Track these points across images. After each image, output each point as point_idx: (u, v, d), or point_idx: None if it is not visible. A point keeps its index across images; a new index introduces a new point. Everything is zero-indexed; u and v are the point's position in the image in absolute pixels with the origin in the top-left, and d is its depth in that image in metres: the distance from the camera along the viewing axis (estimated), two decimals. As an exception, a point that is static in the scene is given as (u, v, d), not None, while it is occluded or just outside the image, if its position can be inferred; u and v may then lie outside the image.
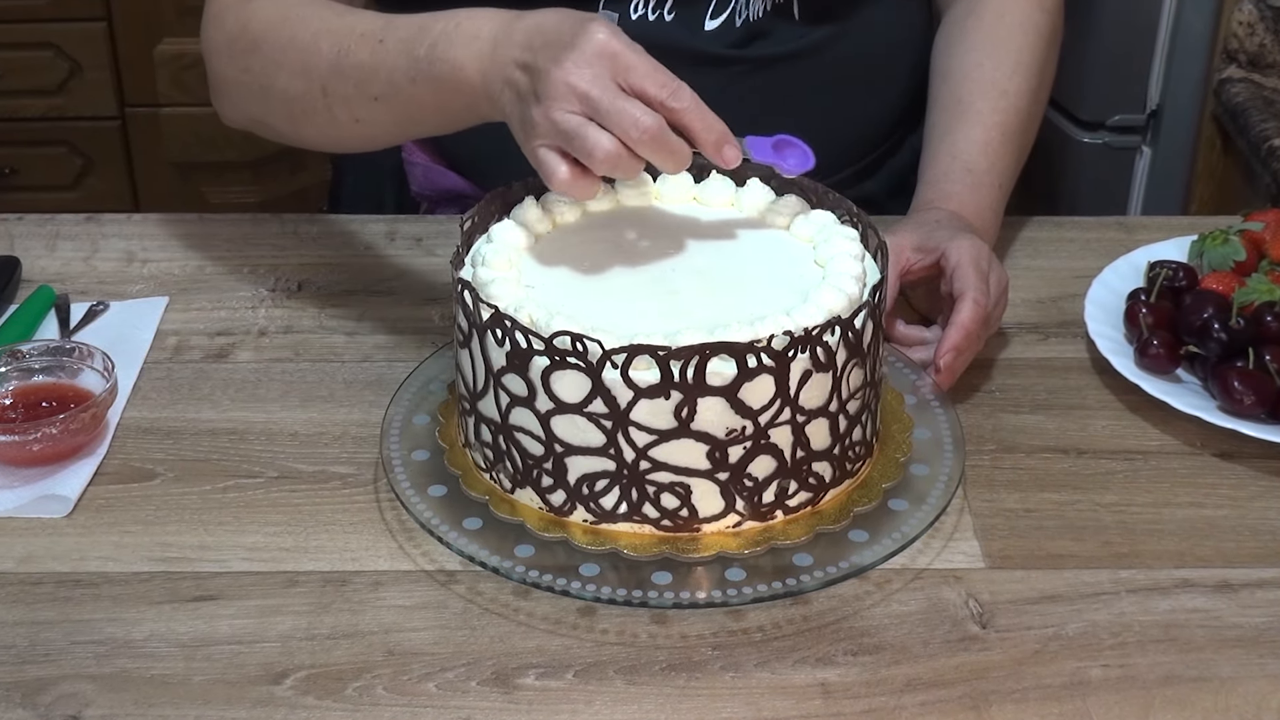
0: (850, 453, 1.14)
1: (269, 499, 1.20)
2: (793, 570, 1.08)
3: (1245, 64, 2.30)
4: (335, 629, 1.08)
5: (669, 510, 1.10)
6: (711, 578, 1.08)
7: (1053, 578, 1.13)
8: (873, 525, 1.12)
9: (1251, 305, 1.29)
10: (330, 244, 1.53)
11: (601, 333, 1.05)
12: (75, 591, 1.11)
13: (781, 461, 1.09)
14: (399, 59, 1.23)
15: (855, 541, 1.11)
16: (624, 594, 1.07)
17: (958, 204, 1.41)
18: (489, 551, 1.09)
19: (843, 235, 1.18)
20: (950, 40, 1.55)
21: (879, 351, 1.15)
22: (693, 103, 1.11)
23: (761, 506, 1.11)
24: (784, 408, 1.07)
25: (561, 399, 1.07)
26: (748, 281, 1.16)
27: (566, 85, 1.10)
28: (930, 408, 1.23)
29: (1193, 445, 1.26)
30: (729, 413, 1.06)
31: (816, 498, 1.13)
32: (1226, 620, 1.09)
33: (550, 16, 1.16)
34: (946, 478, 1.16)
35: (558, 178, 1.12)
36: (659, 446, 1.07)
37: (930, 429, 1.21)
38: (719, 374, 1.05)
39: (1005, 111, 1.48)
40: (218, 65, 1.40)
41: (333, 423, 1.28)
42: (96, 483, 1.21)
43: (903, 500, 1.14)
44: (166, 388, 1.32)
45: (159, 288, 1.46)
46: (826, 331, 1.07)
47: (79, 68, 2.98)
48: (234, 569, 1.13)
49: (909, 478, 1.16)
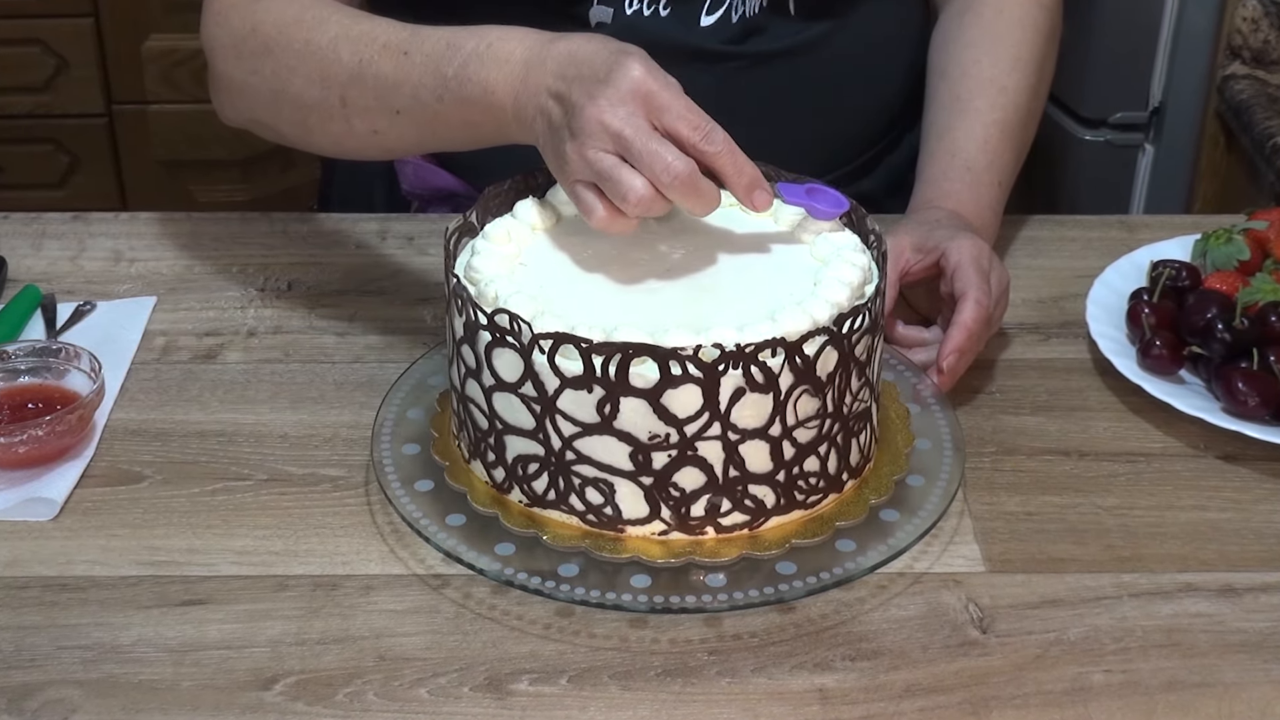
0: (802, 483, 1.11)
1: (258, 502, 1.19)
2: (780, 578, 1.08)
3: (1249, 60, 2.30)
4: (326, 634, 1.07)
5: (593, 505, 1.10)
6: (700, 582, 1.08)
7: (1054, 581, 1.13)
8: (866, 532, 1.12)
9: (1256, 305, 1.29)
10: (320, 243, 1.53)
11: (561, 319, 1.07)
12: (62, 595, 1.11)
13: (711, 477, 1.08)
14: (425, 75, 1.23)
15: (844, 550, 1.10)
16: (597, 595, 1.06)
17: (956, 202, 1.41)
18: (472, 550, 1.09)
19: (848, 245, 1.18)
20: (948, 37, 1.55)
21: (846, 382, 1.11)
22: (725, 146, 1.12)
23: (690, 519, 1.10)
24: (713, 422, 1.06)
25: (501, 377, 1.09)
26: (744, 284, 1.16)
27: (600, 123, 1.11)
28: (930, 410, 1.23)
29: (1196, 447, 1.26)
30: (651, 416, 1.06)
31: (755, 521, 1.11)
32: (1230, 625, 1.09)
33: (585, 45, 1.16)
34: (945, 481, 1.16)
35: (595, 216, 1.14)
36: (583, 439, 1.08)
37: (929, 432, 1.21)
38: (642, 376, 1.05)
39: (1004, 109, 1.48)
40: (222, 64, 1.37)
41: (323, 424, 1.28)
42: (83, 485, 1.21)
43: (894, 511, 1.14)
44: (154, 389, 1.32)
45: (147, 287, 1.46)
46: (765, 351, 1.05)
47: (66, 64, 2.98)
48: (223, 573, 1.13)
49: (906, 483, 1.16)
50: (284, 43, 1.31)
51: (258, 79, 1.34)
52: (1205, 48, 2.34)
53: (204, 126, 2.95)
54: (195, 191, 3.09)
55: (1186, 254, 1.42)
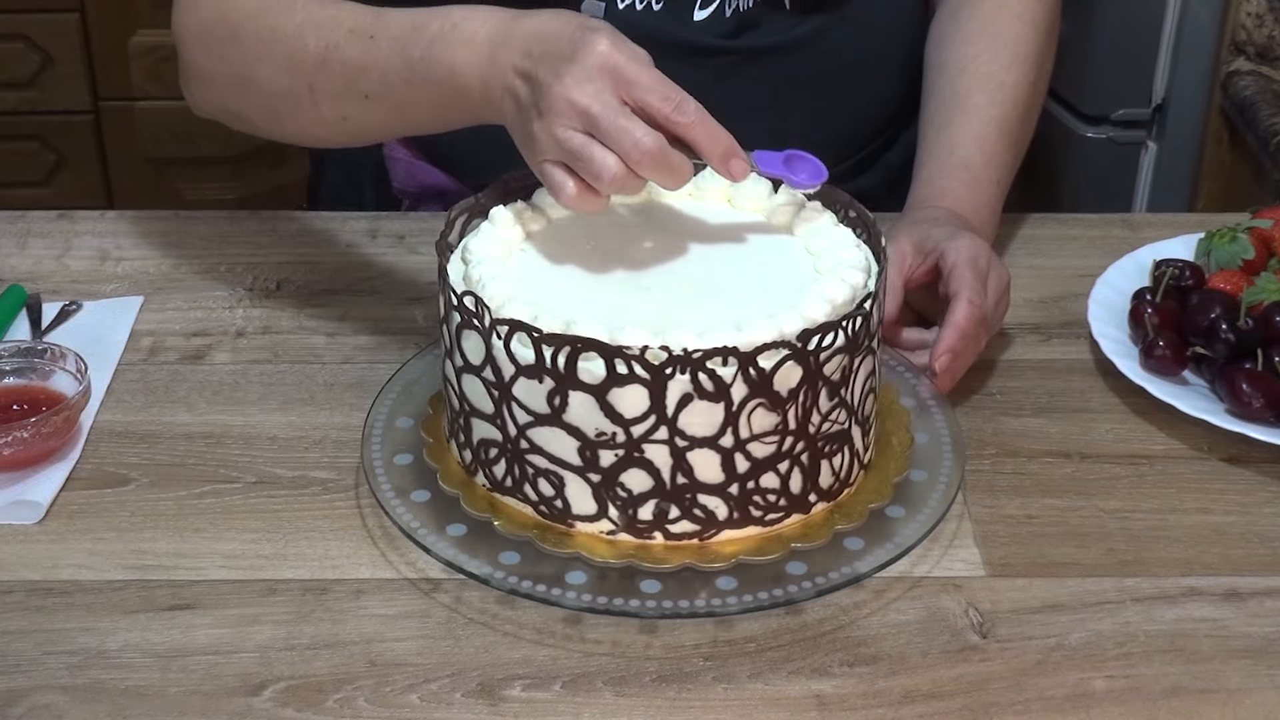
0: (759, 498, 1.10)
1: (247, 505, 1.19)
2: (786, 579, 1.08)
3: (1254, 56, 2.30)
4: (315, 639, 1.07)
5: (545, 497, 1.11)
6: (702, 586, 1.08)
7: (1055, 586, 1.13)
8: (869, 532, 1.12)
9: (1260, 305, 1.29)
10: (310, 242, 1.53)
11: (535, 307, 1.08)
12: (47, 600, 1.11)
13: (659, 481, 1.08)
14: (392, 59, 1.23)
15: (850, 549, 1.10)
16: (590, 600, 1.06)
17: (954, 201, 1.42)
18: (470, 558, 1.09)
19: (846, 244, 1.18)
20: (945, 32, 1.55)
21: (813, 403, 1.08)
22: (698, 116, 1.12)
23: (638, 522, 1.10)
24: (660, 425, 1.06)
25: (468, 359, 1.11)
26: (740, 287, 1.16)
27: (568, 101, 1.11)
28: (929, 411, 1.23)
29: (1199, 450, 1.26)
30: (598, 413, 1.06)
31: (705, 532, 1.10)
32: (1234, 630, 1.09)
33: (550, 22, 1.16)
34: (945, 484, 1.16)
35: (565, 194, 1.14)
36: (535, 429, 1.09)
37: (929, 433, 1.21)
38: (589, 371, 1.05)
39: (1003, 105, 1.48)
40: (191, 53, 1.38)
41: (313, 426, 1.28)
42: (69, 488, 1.21)
43: (899, 507, 1.14)
44: (141, 390, 1.32)
45: (133, 287, 1.46)
46: (716, 359, 1.04)
47: (51, 60, 2.98)
48: (211, 577, 1.13)
49: (909, 481, 1.16)
50: (251, 30, 1.32)
51: (225, 67, 1.35)
52: (1209, 43, 2.34)
53: (192, 123, 2.92)
54: (183, 189, 3.09)
55: (1190, 253, 1.42)
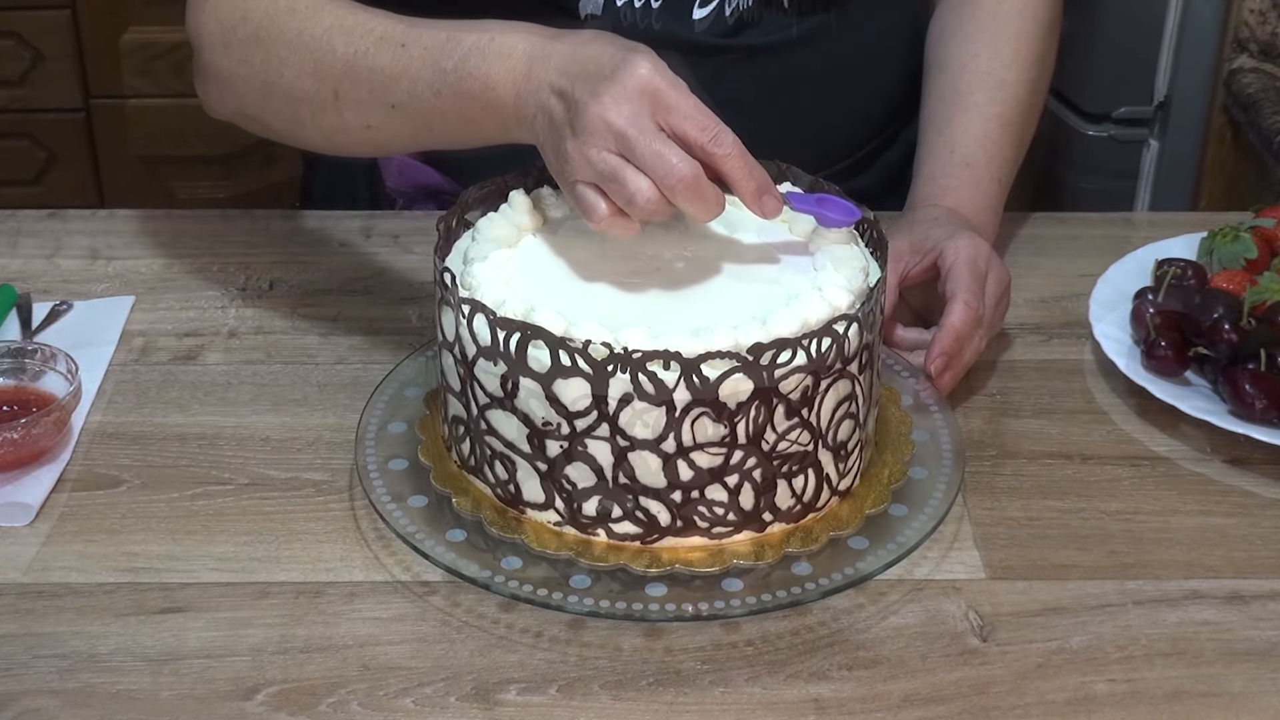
0: (704, 509, 1.09)
1: (239, 507, 1.19)
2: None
3: (1257, 54, 2.30)
4: (309, 642, 1.08)
5: (500, 480, 1.12)
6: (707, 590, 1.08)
7: (1056, 589, 1.13)
8: (871, 532, 1.12)
9: (1263, 305, 1.29)
10: (303, 241, 1.53)
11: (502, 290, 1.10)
12: (37, 603, 1.11)
13: (602, 478, 1.08)
14: (423, 69, 1.22)
15: (855, 548, 1.10)
16: (599, 605, 1.07)
17: (955, 200, 1.42)
18: (469, 563, 1.09)
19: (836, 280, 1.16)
20: (946, 29, 1.55)
21: (776, 422, 1.07)
22: (734, 149, 1.11)
23: (582, 517, 1.10)
24: (601, 421, 1.06)
25: (445, 335, 1.13)
26: (730, 292, 1.16)
27: (604, 121, 1.10)
28: (928, 411, 1.23)
29: (1202, 451, 1.26)
30: (544, 403, 1.06)
31: (647, 536, 1.10)
32: (1237, 633, 1.09)
33: (591, 41, 1.15)
34: (945, 486, 1.16)
35: (596, 216, 1.13)
36: (491, 410, 1.10)
37: (928, 428, 1.21)
38: (537, 359, 1.05)
39: (1004, 103, 1.48)
40: (210, 56, 1.35)
41: (306, 427, 1.28)
42: (60, 490, 1.21)
43: (902, 505, 1.14)
44: (133, 391, 1.32)
45: (125, 287, 1.45)
46: (656, 362, 1.03)
47: (42, 57, 2.98)
48: (203, 580, 1.13)
49: (908, 481, 1.16)
50: (275, 32, 1.29)
51: (247, 70, 1.32)
52: (1211, 40, 2.34)
53: (184, 121, 2.95)
54: (175, 188, 3.09)
55: (1192, 252, 1.42)
